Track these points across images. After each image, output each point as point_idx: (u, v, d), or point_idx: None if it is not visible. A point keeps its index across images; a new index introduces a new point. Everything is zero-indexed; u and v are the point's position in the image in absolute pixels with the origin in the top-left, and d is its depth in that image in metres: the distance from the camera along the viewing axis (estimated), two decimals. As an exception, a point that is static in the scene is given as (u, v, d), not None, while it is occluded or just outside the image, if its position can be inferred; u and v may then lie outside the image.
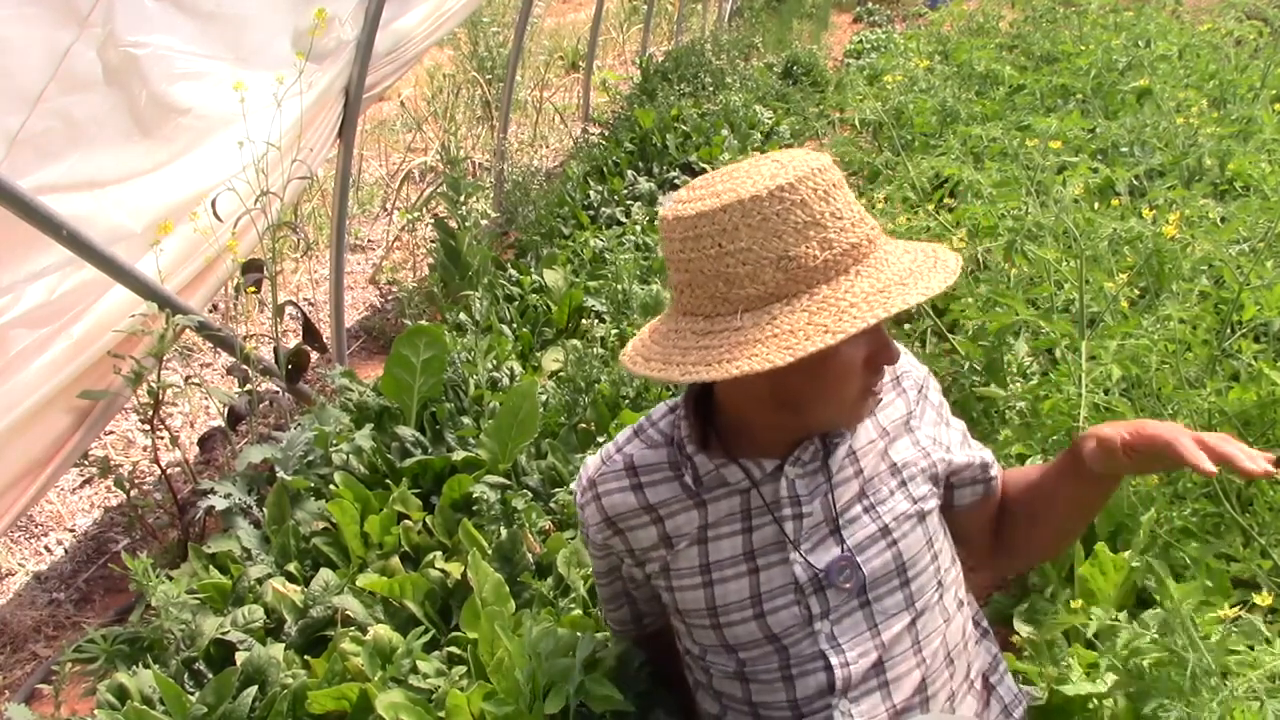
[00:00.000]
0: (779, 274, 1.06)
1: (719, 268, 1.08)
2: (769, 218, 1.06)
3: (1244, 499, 1.94)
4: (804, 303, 1.06)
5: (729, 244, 1.07)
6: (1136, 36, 5.57)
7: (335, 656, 1.82)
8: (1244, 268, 2.10)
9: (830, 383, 1.13)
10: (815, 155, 1.13)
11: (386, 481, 2.48)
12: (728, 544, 1.26)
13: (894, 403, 1.33)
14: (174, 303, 2.38)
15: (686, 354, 1.09)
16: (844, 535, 1.25)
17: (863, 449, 1.29)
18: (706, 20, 10.77)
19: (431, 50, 5.42)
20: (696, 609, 1.28)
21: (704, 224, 1.09)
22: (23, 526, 2.95)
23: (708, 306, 1.11)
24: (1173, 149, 3.76)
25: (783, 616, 1.24)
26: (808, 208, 1.07)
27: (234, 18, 2.55)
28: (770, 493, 1.25)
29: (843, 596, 1.25)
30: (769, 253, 1.06)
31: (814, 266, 1.07)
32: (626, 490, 1.28)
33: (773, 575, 1.25)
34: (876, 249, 1.11)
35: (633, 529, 1.29)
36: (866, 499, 1.26)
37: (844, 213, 1.09)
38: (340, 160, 3.41)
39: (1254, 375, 2.00)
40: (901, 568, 1.26)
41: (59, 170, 2.05)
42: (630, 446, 1.31)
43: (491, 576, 1.86)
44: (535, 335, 3.50)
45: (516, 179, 5.11)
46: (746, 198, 1.07)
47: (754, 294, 1.07)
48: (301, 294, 4.50)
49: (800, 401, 1.15)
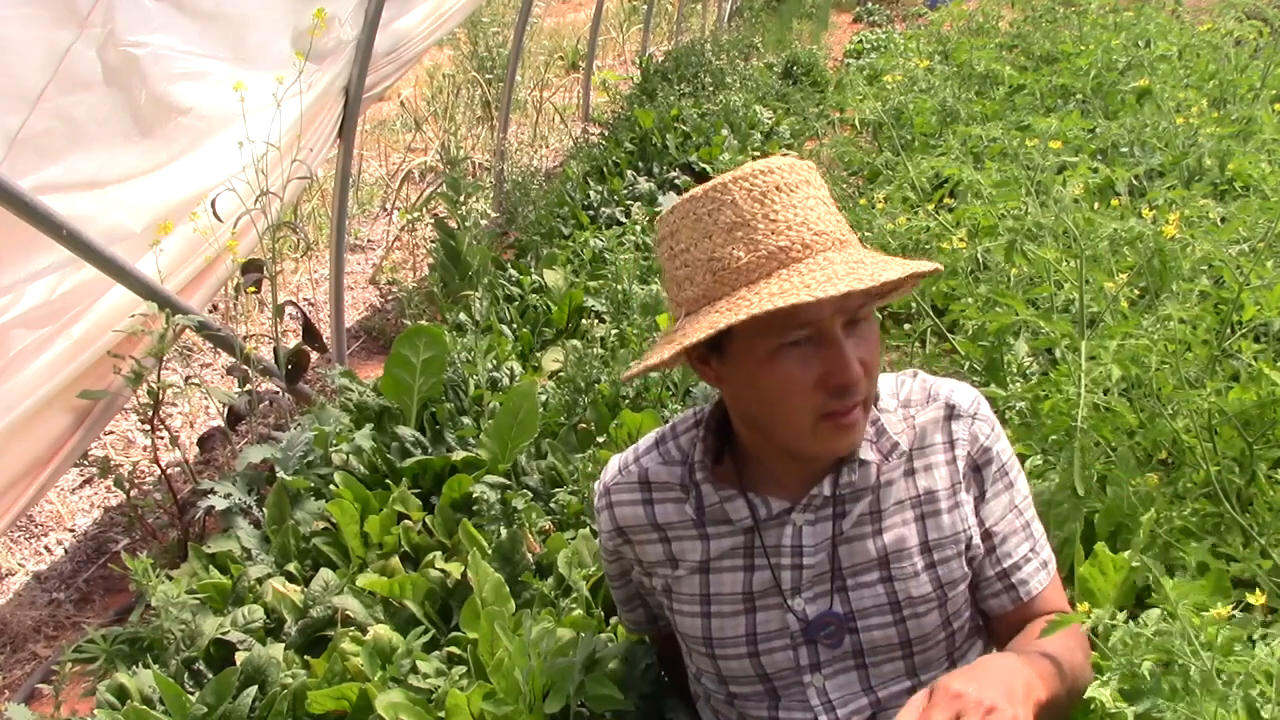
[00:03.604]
0: (708, 275, 1.06)
1: (671, 270, 1.11)
2: (701, 218, 1.07)
3: (1244, 499, 1.94)
4: (722, 305, 1.04)
5: (675, 245, 1.10)
6: (1136, 36, 5.57)
7: (335, 656, 1.82)
8: (1244, 268, 2.10)
9: (772, 400, 1.08)
10: (789, 159, 1.10)
11: (386, 481, 2.48)
12: (729, 579, 1.21)
13: (939, 467, 1.20)
14: (174, 303, 2.38)
15: (651, 353, 1.11)
16: (849, 595, 1.18)
17: (892, 509, 1.18)
18: (706, 20, 10.77)
19: (431, 50, 5.42)
20: (694, 635, 1.25)
21: (664, 226, 1.12)
22: (23, 526, 2.94)
23: (672, 309, 1.13)
24: (1173, 149, 3.76)
25: (778, 659, 1.20)
26: (737, 208, 1.06)
27: (234, 18, 2.55)
28: (773, 537, 1.19)
29: (835, 652, 1.19)
30: (700, 254, 1.07)
31: (737, 268, 1.05)
32: (638, 504, 1.25)
33: (770, 618, 1.20)
34: (814, 255, 1.05)
35: (641, 542, 1.27)
36: (887, 569, 1.18)
37: (779, 215, 1.06)
38: (340, 160, 3.41)
39: (1254, 375, 1.99)
40: (907, 643, 1.19)
41: (59, 170, 2.05)
42: (648, 458, 1.27)
43: (491, 576, 1.86)
44: (535, 335, 3.50)
45: (516, 179, 5.11)
46: (688, 197, 1.09)
47: (692, 296, 1.08)
48: (301, 294, 4.50)
49: (757, 420, 1.13)
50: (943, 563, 1.18)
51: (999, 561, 1.21)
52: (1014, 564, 1.22)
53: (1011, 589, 1.22)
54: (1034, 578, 1.22)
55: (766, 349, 1.06)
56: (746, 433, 1.19)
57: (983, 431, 1.21)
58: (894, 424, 1.19)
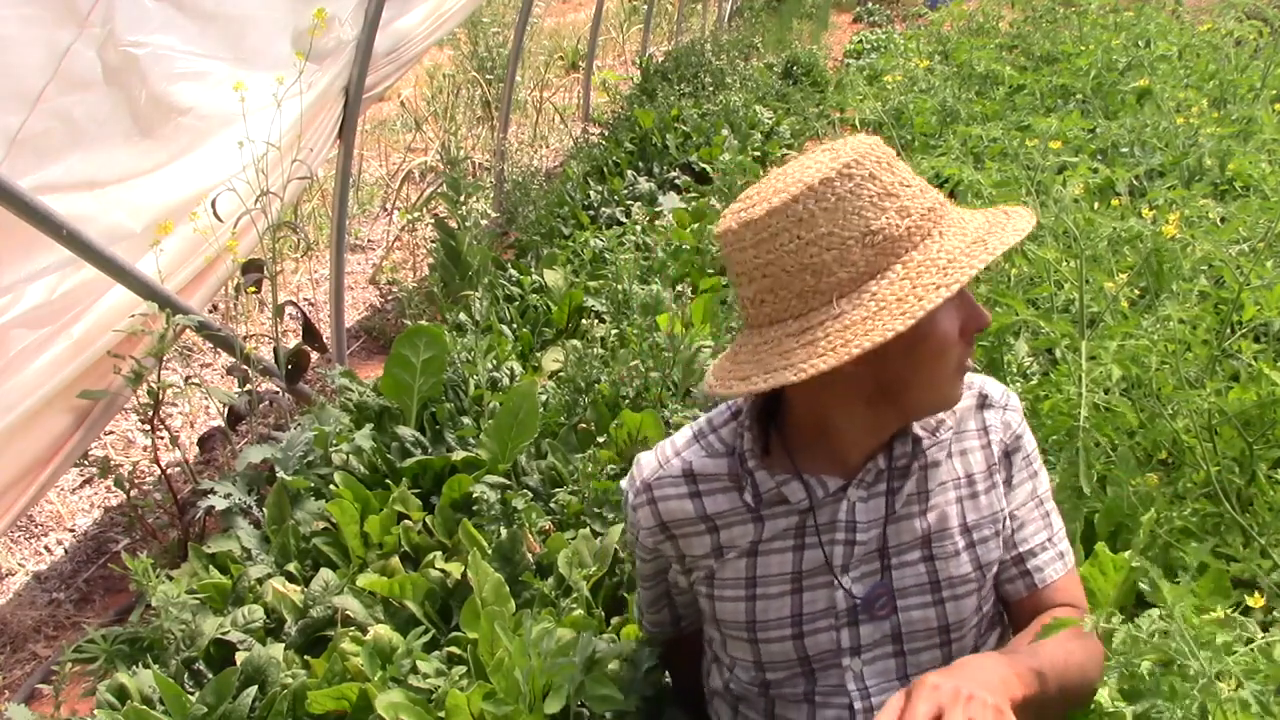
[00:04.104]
0: (867, 250, 1.04)
1: (802, 260, 1.05)
2: (843, 196, 1.04)
3: (1244, 499, 1.94)
4: (899, 272, 1.04)
5: (807, 233, 1.05)
6: (1136, 36, 5.57)
7: (335, 656, 1.82)
8: (1244, 268, 2.10)
9: (929, 359, 1.09)
10: (862, 136, 1.11)
11: (386, 481, 2.48)
12: (777, 560, 1.22)
13: (975, 452, 1.25)
14: (174, 303, 2.38)
15: (789, 355, 1.05)
16: (892, 574, 1.21)
17: (936, 489, 1.22)
18: (706, 20, 10.78)
19: (431, 50, 5.42)
20: (735, 621, 1.25)
21: (777, 220, 1.06)
22: (23, 526, 2.94)
23: (797, 305, 1.07)
24: (1173, 149, 3.76)
25: (821, 640, 1.21)
26: (877, 180, 1.05)
27: (234, 18, 2.55)
28: (828, 514, 1.21)
29: (876, 635, 1.21)
30: (852, 231, 1.04)
31: (899, 235, 1.05)
32: (684, 498, 1.24)
33: (816, 598, 1.21)
34: (949, 212, 1.09)
35: (686, 536, 1.26)
36: (929, 549, 1.21)
37: (910, 180, 1.08)
38: (340, 160, 3.41)
39: (1254, 375, 1.99)
40: (945, 628, 1.21)
41: (59, 170, 2.05)
42: (689, 452, 1.27)
43: (491, 576, 1.86)
44: (535, 335, 3.50)
45: (516, 179, 5.11)
46: (815, 182, 1.05)
47: (845, 278, 1.05)
48: (301, 294, 4.50)
49: (900, 386, 1.12)
50: (981, 543, 1.22)
51: (1015, 546, 1.25)
52: (1029, 550, 1.25)
53: (1026, 575, 1.25)
54: (1049, 566, 1.25)
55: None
56: (829, 412, 1.17)
57: (1014, 420, 1.27)
58: None
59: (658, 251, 4.03)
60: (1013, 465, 1.26)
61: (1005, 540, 1.25)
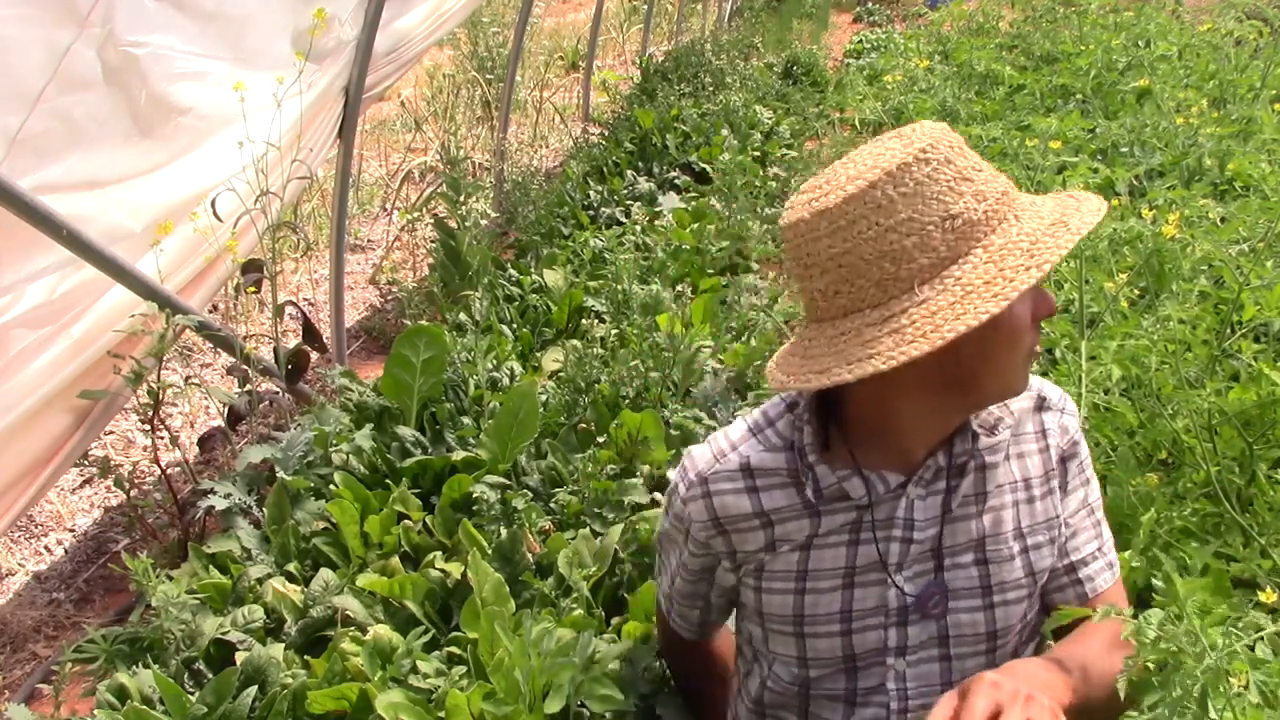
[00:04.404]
0: (947, 235, 1.03)
1: (881, 248, 1.03)
2: (921, 181, 1.03)
3: (1244, 499, 1.94)
4: (980, 256, 1.03)
5: (887, 219, 1.03)
6: (1136, 36, 5.58)
7: (335, 656, 1.82)
8: (1244, 268, 2.10)
9: (1004, 345, 1.08)
10: (929, 121, 1.10)
11: (386, 481, 2.48)
12: (830, 555, 1.20)
13: (1033, 456, 1.23)
14: (174, 303, 2.38)
15: (872, 345, 1.03)
16: (944, 575, 1.19)
17: (993, 492, 1.20)
18: (706, 20, 10.78)
19: (431, 50, 5.42)
20: (782, 614, 1.23)
21: (854, 207, 1.04)
22: (23, 526, 2.94)
23: (874, 294, 1.05)
24: (1173, 149, 3.76)
25: (868, 638, 1.20)
26: (952, 164, 1.04)
27: (234, 18, 2.55)
28: (885, 511, 1.19)
29: (923, 636, 1.20)
30: (931, 216, 1.02)
31: (977, 220, 1.03)
32: (741, 493, 1.22)
33: (867, 595, 1.20)
34: (1020, 196, 1.08)
35: (740, 532, 1.23)
36: (982, 551, 1.20)
37: (981, 165, 1.07)
38: (340, 160, 3.41)
39: (1254, 375, 2.00)
40: (992, 634, 1.20)
41: (59, 170, 2.05)
42: (746, 447, 1.24)
43: (491, 576, 1.86)
44: (535, 335, 3.50)
45: (516, 179, 5.11)
46: (893, 168, 1.03)
47: (926, 263, 1.03)
48: (301, 294, 4.50)
49: (971, 375, 1.09)
50: (1035, 549, 1.21)
51: (1067, 554, 1.24)
52: (1081, 559, 1.25)
53: (1078, 584, 1.25)
54: (1099, 575, 1.25)
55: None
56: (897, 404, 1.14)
57: (1072, 425, 1.26)
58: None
59: (658, 251, 4.03)
60: (1068, 472, 1.25)
61: (1058, 548, 1.24)
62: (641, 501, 2.30)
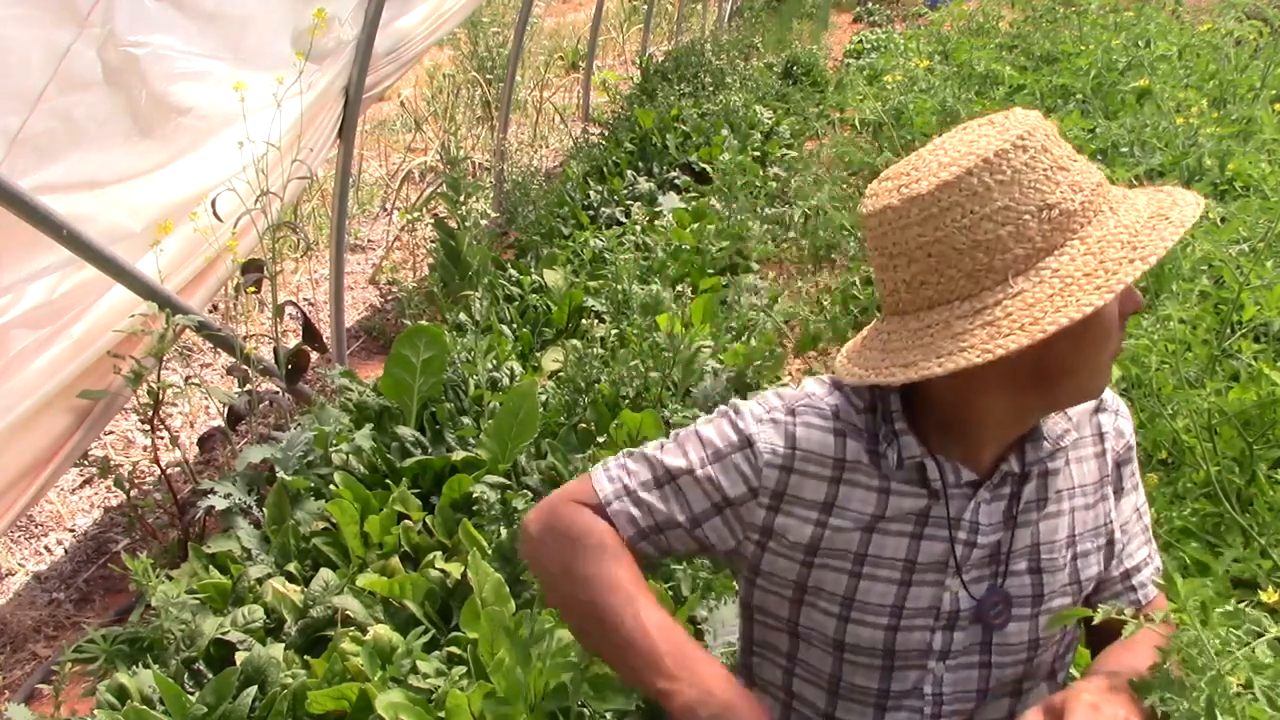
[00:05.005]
0: (1044, 225, 0.99)
1: (975, 237, 1.00)
2: (1019, 169, 1.00)
3: (1244, 499, 1.94)
4: (1078, 248, 0.99)
5: (982, 207, 0.99)
6: (1136, 36, 5.57)
7: (335, 656, 1.82)
8: (1244, 268, 2.10)
9: (1095, 343, 1.04)
10: (1021, 109, 1.08)
11: (386, 481, 2.48)
12: (893, 544, 1.13)
13: (1089, 460, 1.19)
14: (174, 303, 2.38)
15: (964, 338, 0.99)
16: (1004, 580, 1.15)
17: (1053, 498, 1.16)
18: (706, 20, 10.78)
19: (431, 50, 5.42)
20: (833, 592, 1.15)
21: (948, 194, 1.00)
22: (23, 526, 2.94)
23: (966, 286, 1.01)
24: (1173, 149, 3.76)
25: (914, 638, 1.15)
26: (1049, 153, 1.02)
27: (234, 18, 2.55)
28: (956, 509, 1.13)
29: (967, 643, 1.16)
30: (1028, 205, 0.99)
31: (1074, 210, 1.00)
32: (829, 432, 1.13)
33: (922, 593, 1.14)
34: (1113, 189, 1.05)
35: (808, 476, 1.13)
36: (1037, 559, 1.16)
37: (1077, 156, 1.04)
38: (340, 160, 3.41)
39: (1254, 375, 2.00)
40: (1035, 642, 1.16)
41: (59, 170, 2.05)
42: (834, 397, 1.16)
43: (491, 576, 1.86)
44: (535, 335, 3.50)
45: (516, 179, 5.11)
46: (990, 154, 1.00)
47: (1021, 254, 0.99)
48: (301, 294, 4.50)
49: (1058, 373, 1.05)
50: (1082, 556, 1.18)
51: (1122, 562, 1.22)
52: (1135, 566, 1.22)
53: (1132, 590, 1.22)
54: (1151, 583, 1.23)
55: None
56: (980, 398, 1.09)
57: (1127, 429, 1.22)
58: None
59: (658, 251, 4.03)
60: (1123, 476, 1.22)
61: (1112, 556, 1.21)
62: (641, 501, 2.30)
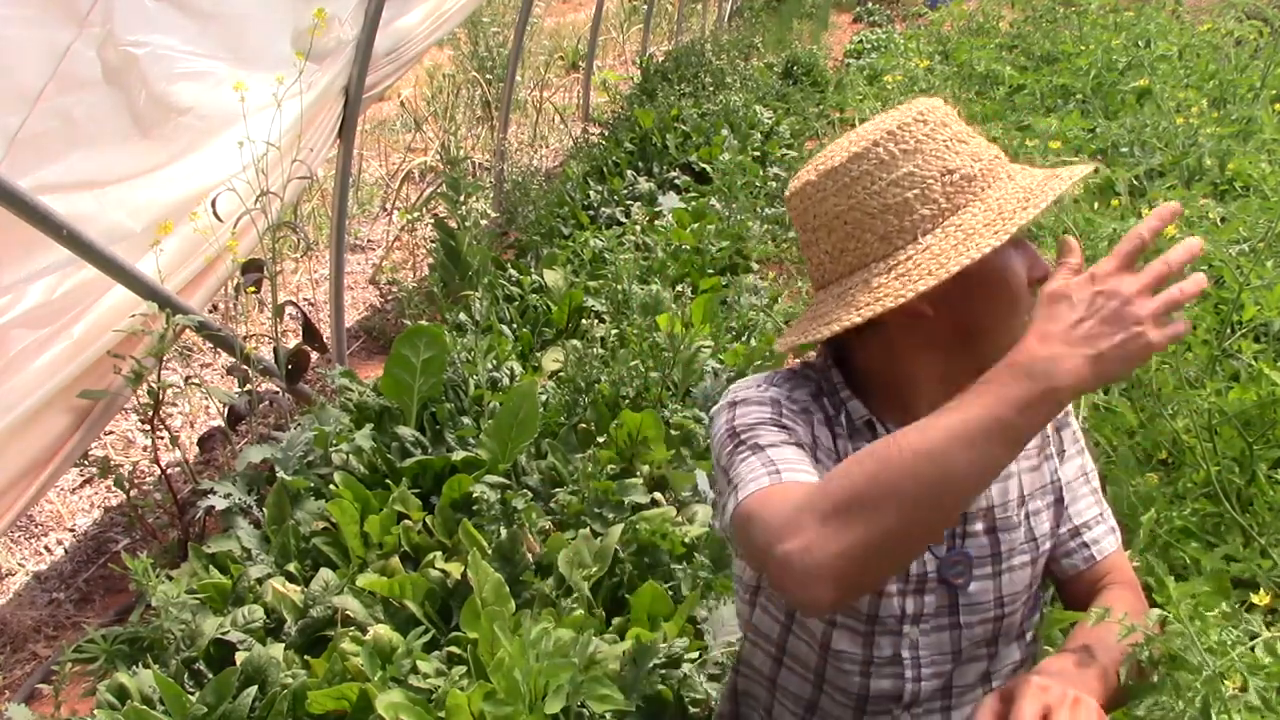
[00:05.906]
0: (947, 188, 1.10)
1: (885, 201, 1.10)
2: (921, 140, 1.11)
3: (1244, 499, 1.94)
4: (979, 207, 1.09)
5: (889, 174, 1.10)
6: (1136, 36, 5.57)
7: (335, 656, 1.82)
8: (1244, 268, 2.10)
9: (1006, 304, 1.12)
10: (924, 97, 1.17)
11: (386, 481, 2.48)
12: None
13: None
14: (174, 303, 2.38)
15: (878, 290, 1.08)
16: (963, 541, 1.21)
17: None
18: (706, 20, 10.78)
19: (431, 50, 5.42)
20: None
21: (858, 164, 1.11)
22: (23, 526, 2.94)
23: (879, 248, 1.11)
24: (1173, 149, 3.76)
25: (890, 603, 1.21)
26: (948, 126, 1.12)
27: (234, 18, 2.55)
28: None
29: (935, 605, 1.21)
30: (931, 170, 1.10)
31: (974, 175, 1.10)
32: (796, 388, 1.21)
33: None
34: (1009, 163, 1.15)
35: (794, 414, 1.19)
36: (992, 520, 1.22)
37: (975, 134, 1.14)
38: (340, 160, 3.41)
39: (1254, 375, 2.00)
40: (999, 600, 1.22)
41: (59, 170, 2.05)
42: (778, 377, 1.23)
43: (491, 576, 1.86)
44: (535, 335, 3.50)
45: (516, 179, 5.11)
46: (894, 127, 1.11)
47: (928, 214, 1.10)
48: (301, 294, 4.50)
49: (977, 331, 1.13)
50: (1034, 514, 1.24)
51: (1070, 519, 1.27)
52: (1084, 523, 1.27)
53: (1084, 547, 1.27)
54: (1104, 539, 1.28)
55: (1006, 251, 1.10)
56: (904, 363, 1.16)
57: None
58: None
59: (657, 251, 4.03)
60: (1063, 439, 1.29)
61: (1060, 515, 1.27)
62: (641, 501, 2.30)
